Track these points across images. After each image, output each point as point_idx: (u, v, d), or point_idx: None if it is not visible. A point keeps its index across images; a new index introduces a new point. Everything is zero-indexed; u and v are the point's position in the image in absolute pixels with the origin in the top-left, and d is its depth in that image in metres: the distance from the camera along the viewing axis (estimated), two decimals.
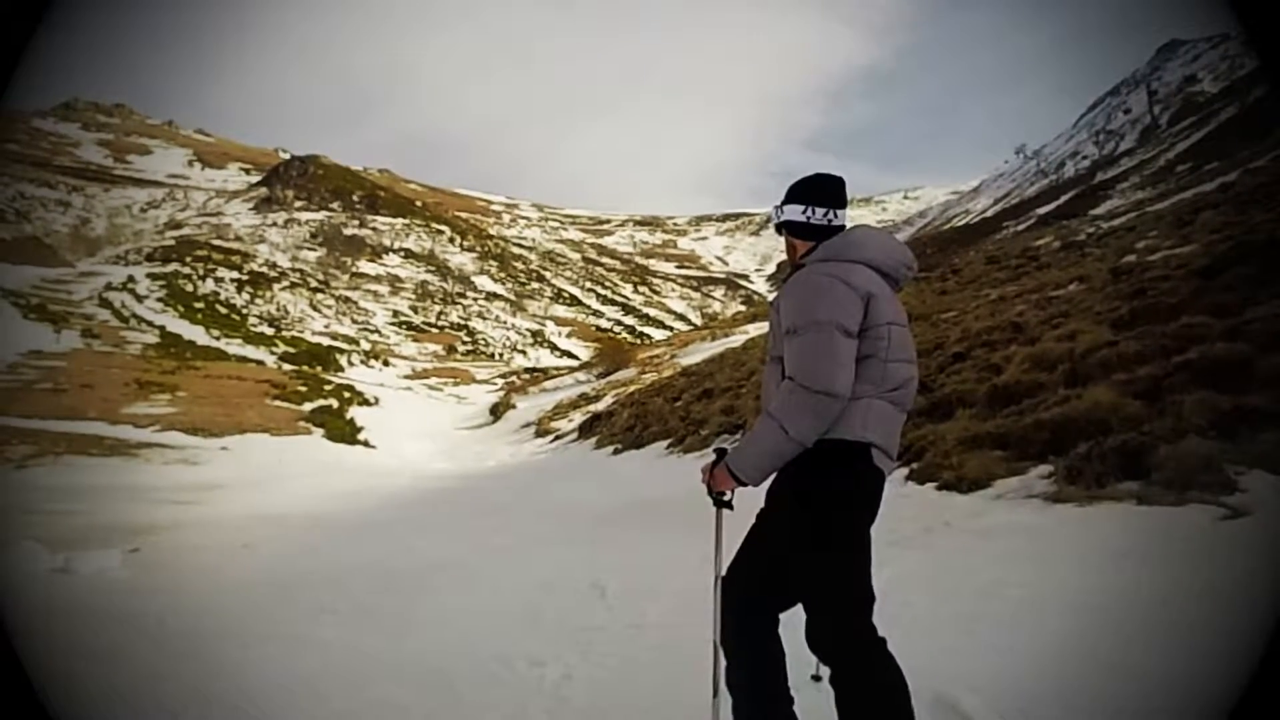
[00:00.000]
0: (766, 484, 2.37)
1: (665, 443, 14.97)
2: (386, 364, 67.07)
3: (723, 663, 2.39)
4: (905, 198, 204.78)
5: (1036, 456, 6.08)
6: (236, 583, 5.84)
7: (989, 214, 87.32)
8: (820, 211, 2.44)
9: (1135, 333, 8.09)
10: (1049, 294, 14.30)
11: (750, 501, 2.44)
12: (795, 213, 2.47)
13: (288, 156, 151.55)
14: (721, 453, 2.41)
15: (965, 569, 4.24)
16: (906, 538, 4.81)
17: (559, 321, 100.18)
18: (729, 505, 2.47)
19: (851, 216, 2.47)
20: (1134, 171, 56.82)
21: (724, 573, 2.46)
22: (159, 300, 72.14)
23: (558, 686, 3.47)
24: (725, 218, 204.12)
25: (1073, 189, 64.92)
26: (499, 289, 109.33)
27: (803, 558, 2.27)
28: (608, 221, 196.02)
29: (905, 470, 6.83)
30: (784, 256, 2.62)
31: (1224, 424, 5.22)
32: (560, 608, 4.73)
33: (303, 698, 3.42)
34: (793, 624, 2.39)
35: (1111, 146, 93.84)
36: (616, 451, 16.81)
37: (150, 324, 61.25)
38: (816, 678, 2.85)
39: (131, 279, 77.30)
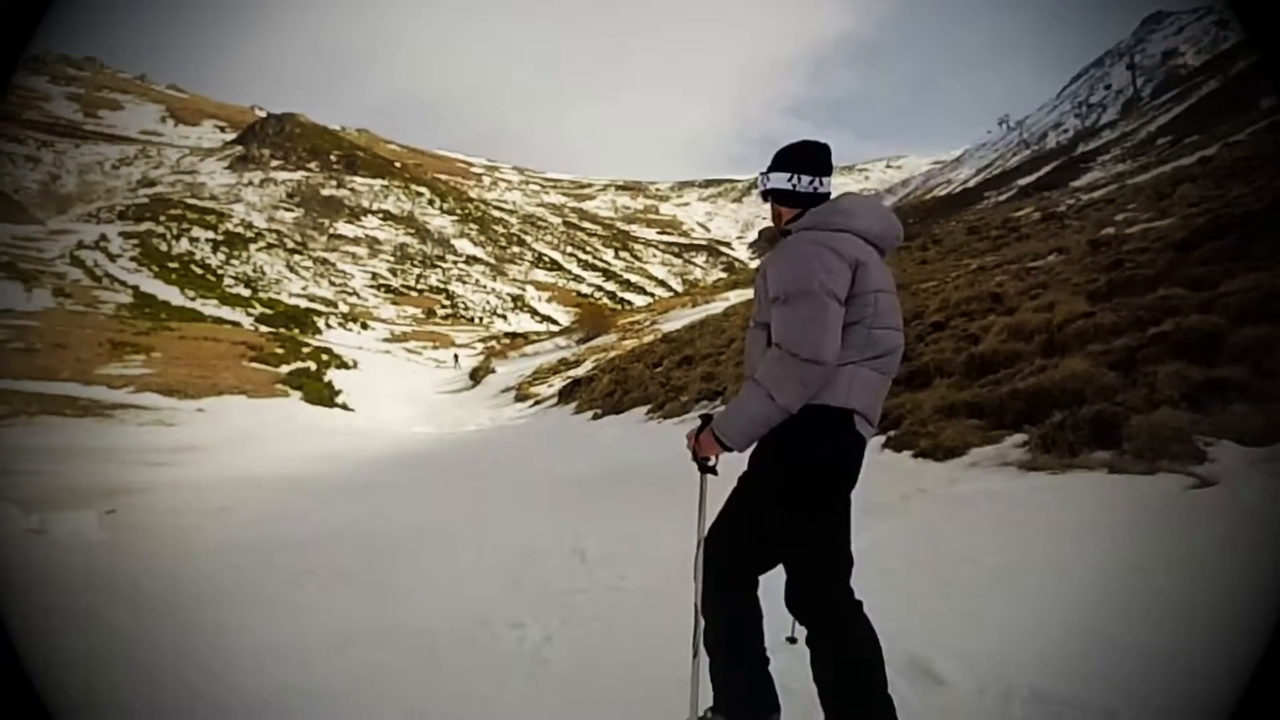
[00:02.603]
0: (749, 448, 2.38)
1: (645, 409, 15.01)
2: (365, 327, 66.65)
3: (702, 624, 2.42)
4: (888, 167, 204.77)
5: (1012, 425, 6.16)
6: (214, 545, 5.81)
7: (971, 184, 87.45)
8: (806, 179, 2.43)
9: (1112, 304, 8.17)
10: (1028, 265, 14.39)
11: (735, 466, 2.45)
12: (781, 180, 2.46)
13: (264, 115, 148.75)
14: (707, 418, 2.42)
15: (940, 535, 4.31)
16: (883, 504, 4.87)
17: (539, 286, 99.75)
18: (713, 470, 2.48)
19: (834, 184, 2.46)
20: (1115, 144, 57.02)
21: (706, 535, 2.48)
22: (132, 259, 71.03)
23: (539, 649, 3.51)
24: (707, 184, 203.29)
25: (1054, 160, 65.10)
26: (479, 253, 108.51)
27: (784, 521, 2.29)
28: (589, 186, 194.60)
29: (882, 438, 6.89)
30: (766, 223, 2.61)
31: (1195, 395, 5.30)
32: (541, 572, 4.75)
33: (282, 661, 3.43)
34: (769, 587, 2.41)
35: (1094, 118, 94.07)
36: (596, 417, 16.85)
37: (124, 283, 60.37)
38: (792, 639, 2.89)
39: (104, 237, 75.98)
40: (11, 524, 6.00)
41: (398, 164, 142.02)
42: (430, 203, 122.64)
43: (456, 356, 40.59)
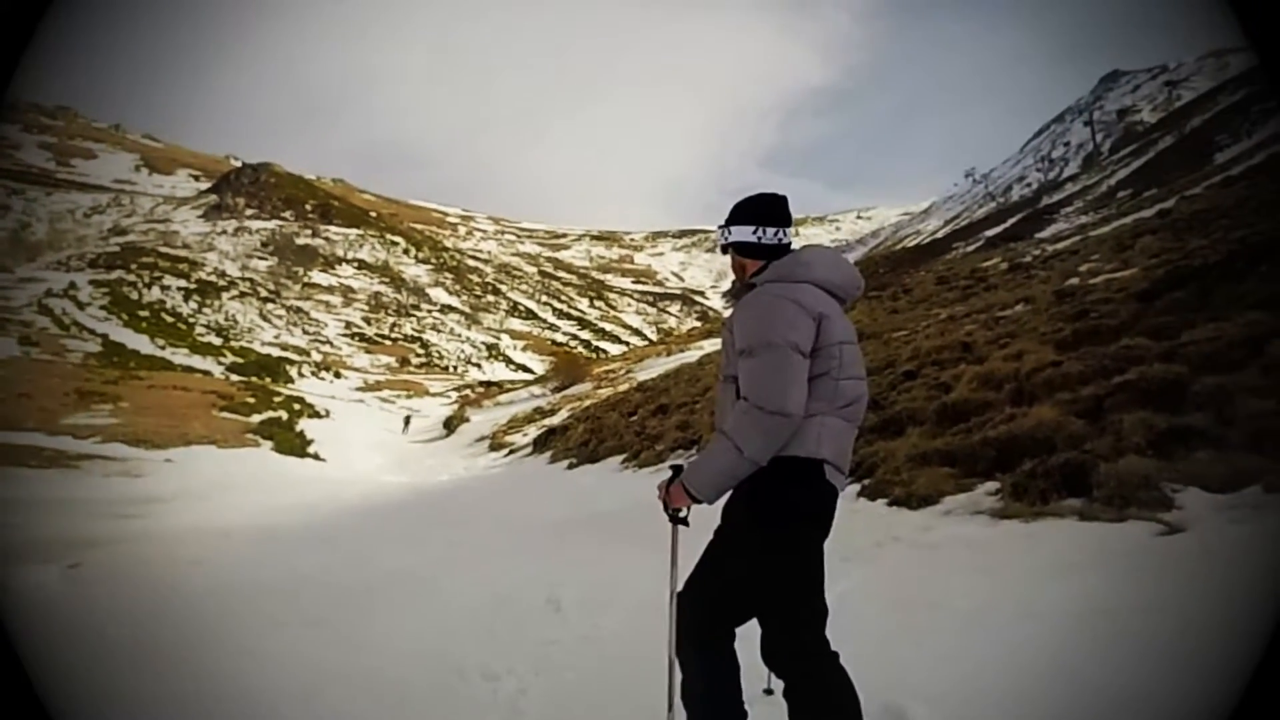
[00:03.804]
0: (723, 500, 2.41)
1: (620, 457, 14.97)
2: (338, 375, 66.07)
3: (678, 676, 2.42)
4: (859, 217, 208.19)
5: (984, 473, 6.23)
6: (182, 596, 5.69)
7: (939, 235, 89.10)
8: (771, 231, 2.49)
9: (1078, 353, 8.34)
10: (996, 314, 14.66)
11: (706, 517, 2.48)
12: (745, 233, 2.51)
13: (239, 164, 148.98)
14: (678, 470, 2.44)
15: (915, 582, 4.34)
16: (858, 552, 4.90)
17: (514, 335, 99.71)
18: (685, 522, 2.50)
19: (805, 235, 2.54)
20: (1077, 196, 58.51)
21: (680, 588, 2.49)
22: (102, 308, 70.17)
23: (513, 700, 3.47)
24: (682, 234, 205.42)
25: (1019, 212, 66.58)
26: (454, 301, 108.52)
27: (758, 573, 2.31)
28: (564, 235, 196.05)
29: (857, 486, 6.94)
30: None
31: (1161, 443, 5.41)
32: (515, 621, 4.71)
33: (254, 709, 3.36)
34: (746, 637, 2.42)
35: (1056, 172, 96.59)
36: (571, 466, 16.77)
37: (92, 332, 59.54)
38: (769, 691, 2.89)
39: (73, 285, 75.09)
40: None
41: (373, 213, 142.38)
42: (405, 252, 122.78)
43: (408, 419, 39.25)
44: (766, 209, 2.52)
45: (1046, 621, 3.52)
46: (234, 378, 50.05)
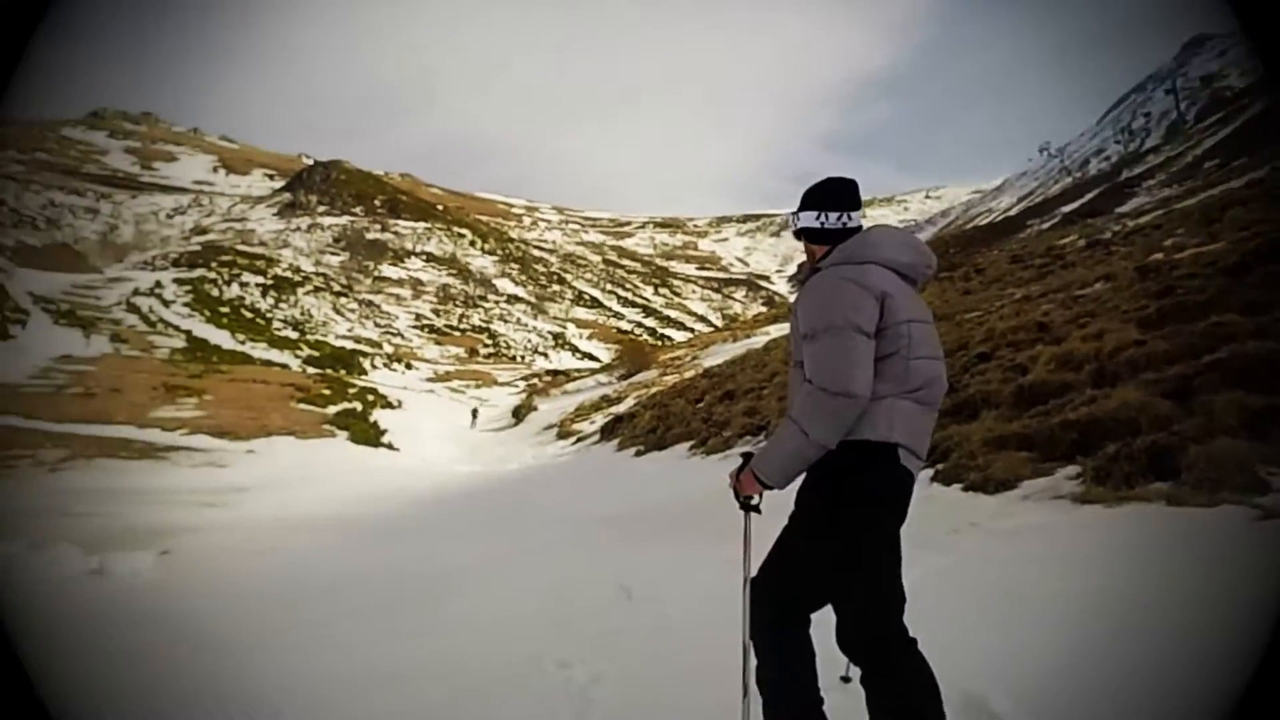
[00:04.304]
0: (797, 486, 2.37)
1: (688, 444, 14.96)
2: (409, 367, 67.55)
3: (752, 662, 2.40)
4: (927, 197, 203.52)
5: (1064, 457, 6.03)
6: (264, 583, 5.91)
7: (1012, 212, 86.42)
8: (834, 216, 2.45)
9: (1164, 332, 7.99)
10: (1075, 293, 14.16)
11: (780, 501, 2.44)
12: (809, 219, 2.49)
13: (310, 162, 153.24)
14: (748, 457, 2.42)
15: (993, 570, 4.22)
16: (933, 539, 4.78)
17: (580, 324, 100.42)
18: (756, 509, 2.47)
19: (873, 216, 2.48)
20: (1160, 169, 56.09)
21: (753, 574, 2.46)
22: (185, 305, 73.06)
23: (585, 689, 3.49)
24: (745, 219, 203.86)
25: (1097, 187, 64.17)
26: (520, 292, 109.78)
27: (832, 559, 2.27)
28: (628, 224, 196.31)
29: (930, 472, 6.79)
30: (804, 257, 2.64)
31: (1255, 423, 5.15)
32: (586, 610, 4.74)
33: (336, 696, 3.46)
34: (823, 624, 2.39)
35: (1137, 144, 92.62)
36: (639, 453, 16.83)
37: (177, 328, 62.05)
38: (846, 679, 2.85)
39: (158, 284, 78.35)
40: (73, 566, 6.18)
41: (440, 207, 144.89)
42: (472, 244, 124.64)
43: (475, 412, 39.11)
44: (829, 194, 2.48)
45: (1132, 612, 3.38)
46: (310, 370, 51.68)
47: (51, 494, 13.39)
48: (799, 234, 2.55)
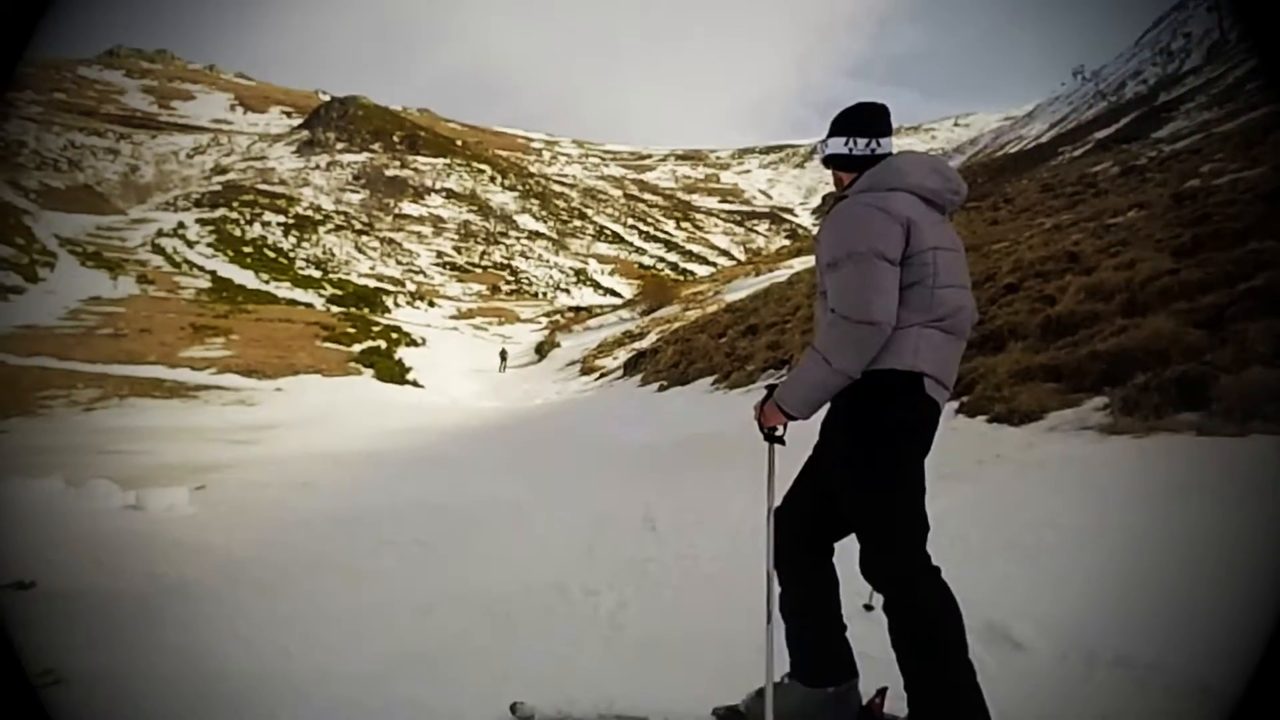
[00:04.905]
0: (820, 417, 2.36)
1: (711, 379, 14.98)
2: (432, 304, 67.88)
3: (776, 590, 2.42)
4: (955, 124, 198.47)
5: (1091, 388, 5.96)
6: (299, 518, 6.04)
7: (1044, 140, 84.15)
8: (862, 142, 2.39)
9: (1197, 260, 7.81)
10: (1107, 222, 13.86)
11: (804, 433, 2.44)
12: (838, 145, 2.43)
13: (327, 98, 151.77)
14: (772, 388, 2.41)
15: (1018, 501, 4.22)
16: (958, 470, 4.78)
17: (601, 259, 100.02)
18: (781, 440, 2.47)
19: (899, 145, 2.40)
20: (1200, 91, 54.12)
21: (777, 504, 2.47)
22: (209, 245, 73.56)
23: (613, 615, 3.57)
24: (769, 150, 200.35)
25: (1134, 111, 62.18)
26: (541, 228, 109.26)
27: (856, 489, 2.27)
28: (649, 156, 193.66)
29: (955, 404, 6.75)
30: (829, 188, 2.58)
31: None
32: (612, 541, 4.82)
33: (372, 627, 3.56)
34: (846, 553, 2.41)
35: (1176, 65, 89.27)
36: (662, 388, 16.89)
37: (202, 269, 62.57)
38: (869, 607, 2.89)
39: (182, 225, 78.82)
40: (111, 500, 6.33)
41: (459, 142, 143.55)
42: (492, 180, 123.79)
43: (504, 354, 38.15)
44: (857, 119, 2.42)
45: (1160, 542, 3.37)
46: (334, 309, 52.07)
47: (86, 432, 13.71)
48: (827, 161, 2.49)
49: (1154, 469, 4.29)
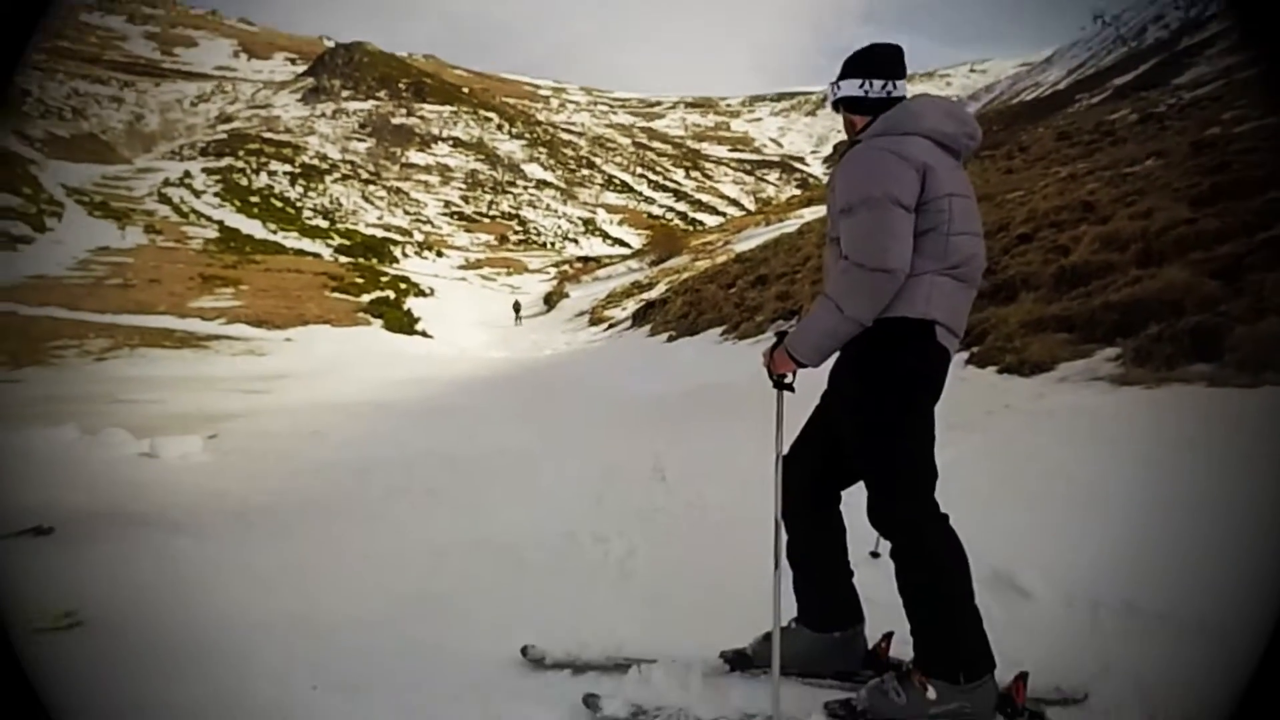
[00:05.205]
0: (830, 365, 2.35)
1: (720, 329, 14.96)
2: (440, 255, 67.74)
3: (783, 537, 2.44)
4: (971, 71, 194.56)
5: (1104, 339, 5.93)
6: (311, 465, 6.10)
7: (1061, 86, 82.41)
8: (878, 84, 2.33)
9: (1216, 209, 7.69)
10: (1123, 170, 13.63)
11: (814, 381, 2.43)
12: (852, 87, 2.36)
13: (332, 44, 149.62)
14: (782, 335, 2.39)
15: (1027, 451, 4.22)
16: (967, 421, 4.77)
17: (610, 209, 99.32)
18: (790, 388, 2.45)
19: (913, 91, 2.35)
20: (1224, 35, 52.73)
21: (785, 452, 2.47)
22: (216, 195, 73.26)
23: (622, 562, 3.62)
24: (780, 97, 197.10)
25: (1154, 57, 60.77)
26: (549, 177, 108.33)
27: (865, 436, 2.27)
28: (658, 104, 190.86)
29: (965, 354, 6.73)
30: (841, 137, 2.52)
31: None
32: (621, 490, 4.85)
33: (385, 571, 3.62)
34: (851, 502, 2.42)
35: (1199, 8, 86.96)
36: (671, 339, 16.88)
37: (209, 219, 62.43)
38: (875, 554, 2.90)
39: (188, 174, 78.42)
40: (125, 449, 6.41)
41: (465, 89, 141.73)
42: (499, 128, 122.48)
43: (518, 307, 37.53)
44: (872, 60, 2.36)
45: (1168, 493, 3.37)
46: (342, 259, 51.99)
47: (99, 382, 13.82)
48: (839, 105, 2.43)
49: (1164, 420, 4.28)
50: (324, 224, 73.78)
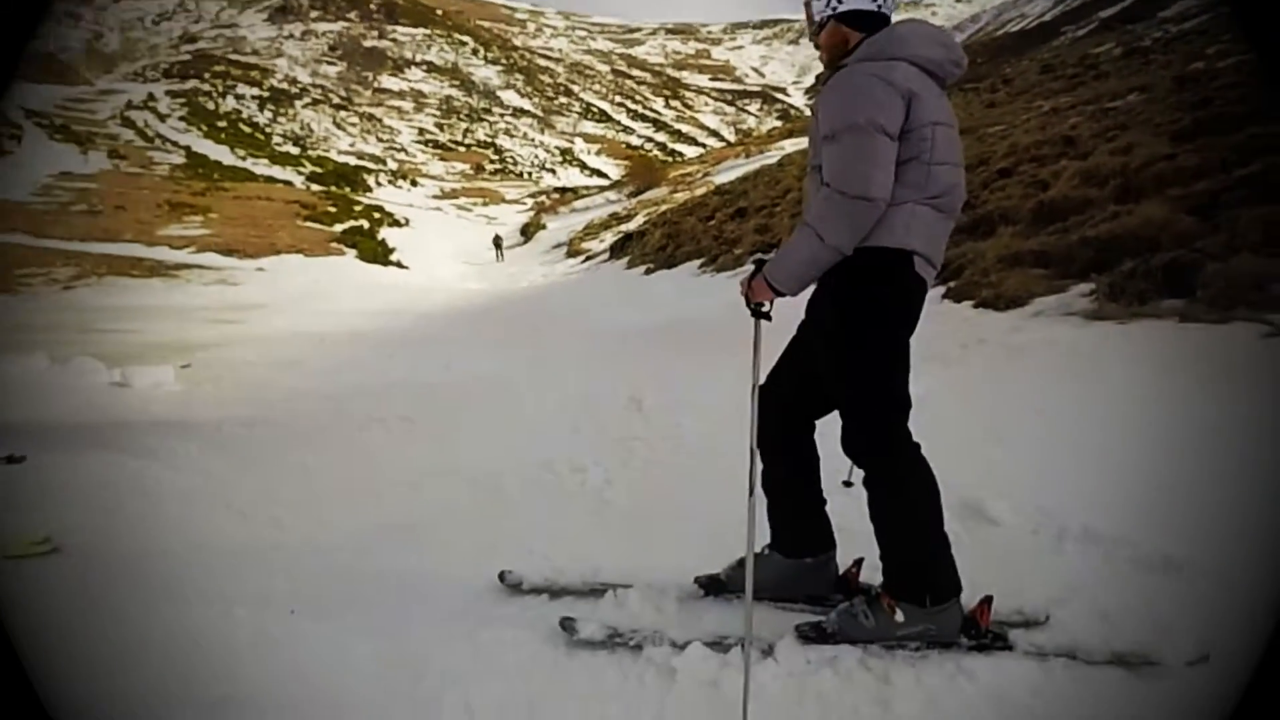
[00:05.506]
0: (807, 295, 2.34)
1: (698, 262, 14.90)
2: (414, 184, 66.53)
3: (758, 465, 2.45)
4: (957, 0, 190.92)
5: (1079, 274, 5.96)
6: (285, 395, 6.07)
7: (1047, 18, 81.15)
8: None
9: (1195, 145, 7.69)
10: (1106, 105, 13.55)
11: (793, 314, 2.42)
12: (864, 1, 2.25)
13: None
14: (760, 264, 2.36)
15: (1000, 383, 4.28)
16: (942, 354, 4.82)
17: (588, 139, 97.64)
18: (767, 316, 2.43)
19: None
20: None
21: (762, 381, 2.47)
22: (181, 119, 71.12)
23: (600, 490, 3.65)
24: (762, 24, 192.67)
25: None
26: (526, 104, 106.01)
27: (841, 365, 2.27)
28: (638, 30, 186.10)
29: (942, 289, 6.75)
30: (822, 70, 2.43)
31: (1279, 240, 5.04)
32: (598, 420, 4.88)
33: (362, 498, 3.63)
34: (826, 431, 2.43)
35: None
36: (649, 271, 16.81)
37: (175, 144, 60.71)
38: (848, 483, 2.94)
39: (151, 97, 75.93)
40: (97, 377, 6.33)
41: (439, 11, 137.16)
42: (474, 53, 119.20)
43: (499, 241, 34.86)
44: None
45: (1136, 425, 3.44)
46: (314, 187, 50.92)
47: (68, 310, 13.59)
48: (823, 26, 2.32)
49: (1135, 355, 4.34)
50: (295, 151, 72.05)
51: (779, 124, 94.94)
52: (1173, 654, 2.04)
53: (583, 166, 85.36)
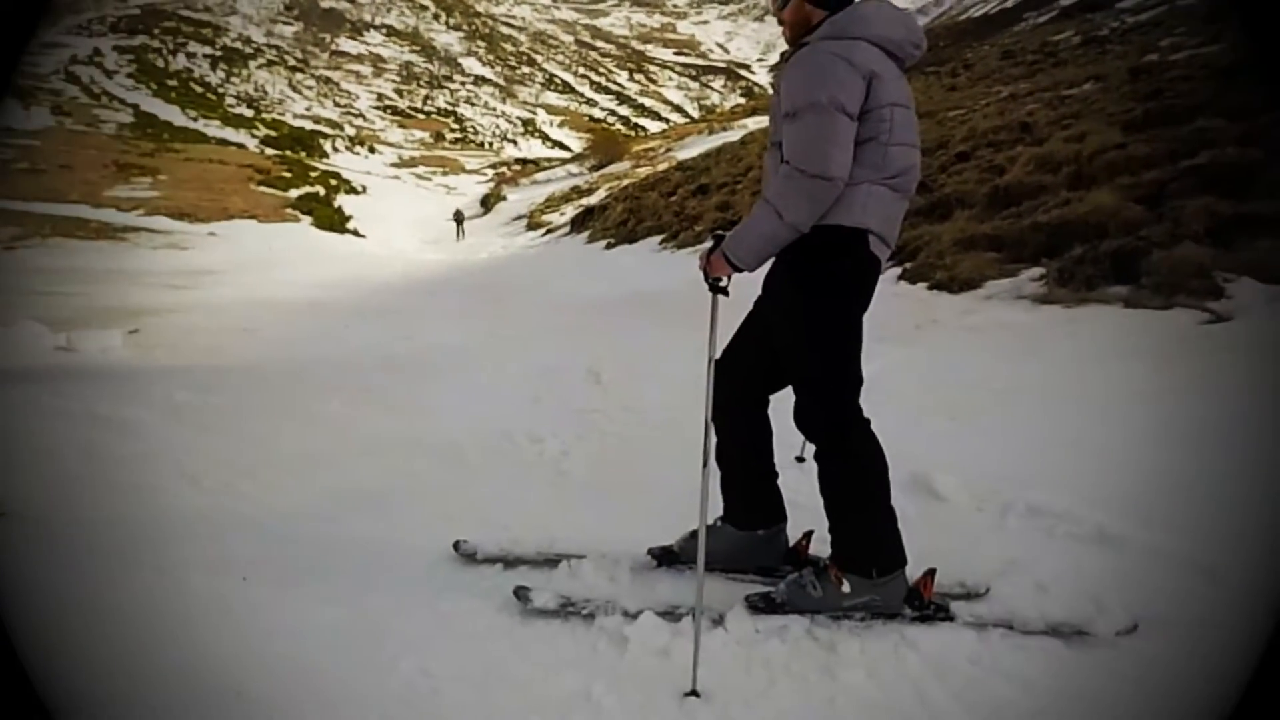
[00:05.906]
0: (764, 270, 2.37)
1: (659, 238, 14.92)
2: (372, 151, 65.30)
3: (713, 438, 2.49)
4: None
5: (1031, 259, 6.12)
6: (239, 363, 5.97)
7: (1009, 4, 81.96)
8: None
9: (1146, 135, 7.88)
10: (1063, 93, 13.78)
11: (749, 289, 2.46)
12: None
13: None
14: (719, 239, 2.38)
15: (951, 362, 4.38)
16: (896, 334, 4.92)
17: (550, 110, 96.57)
18: (725, 291, 2.46)
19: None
20: None
21: (718, 355, 2.51)
22: (129, 76, 68.78)
23: (558, 460, 3.68)
24: (728, 0, 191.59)
25: None
26: (487, 73, 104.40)
27: (797, 341, 2.32)
28: (603, 1, 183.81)
29: (898, 270, 6.87)
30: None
31: (1221, 230, 5.22)
32: (557, 391, 4.89)
33: (320, 467, 3.60)
34: (779, 407, 2.48)
35: None
36: (609, 246, 16.77)
37: (123, 102, 58.74)
38: (800, 459, 3.02)
39: (98, 51, 73.24)
40: (41, 342, 6.14)
41: None
42: (435, 17, 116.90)
43: (460, 219, 30.96)
44: None
45: (1080, 403, 3.57)
46: (268, 151, 49.68)
47: (9, 272, 13.18)
48: (787, 1, 2.33)
49: (1081, 337, 4.48)
50: (248, 113, 70.15)
51: (743, 101, 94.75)
52: (1104, 624, 2.14)
53: (545, 138, 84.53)
